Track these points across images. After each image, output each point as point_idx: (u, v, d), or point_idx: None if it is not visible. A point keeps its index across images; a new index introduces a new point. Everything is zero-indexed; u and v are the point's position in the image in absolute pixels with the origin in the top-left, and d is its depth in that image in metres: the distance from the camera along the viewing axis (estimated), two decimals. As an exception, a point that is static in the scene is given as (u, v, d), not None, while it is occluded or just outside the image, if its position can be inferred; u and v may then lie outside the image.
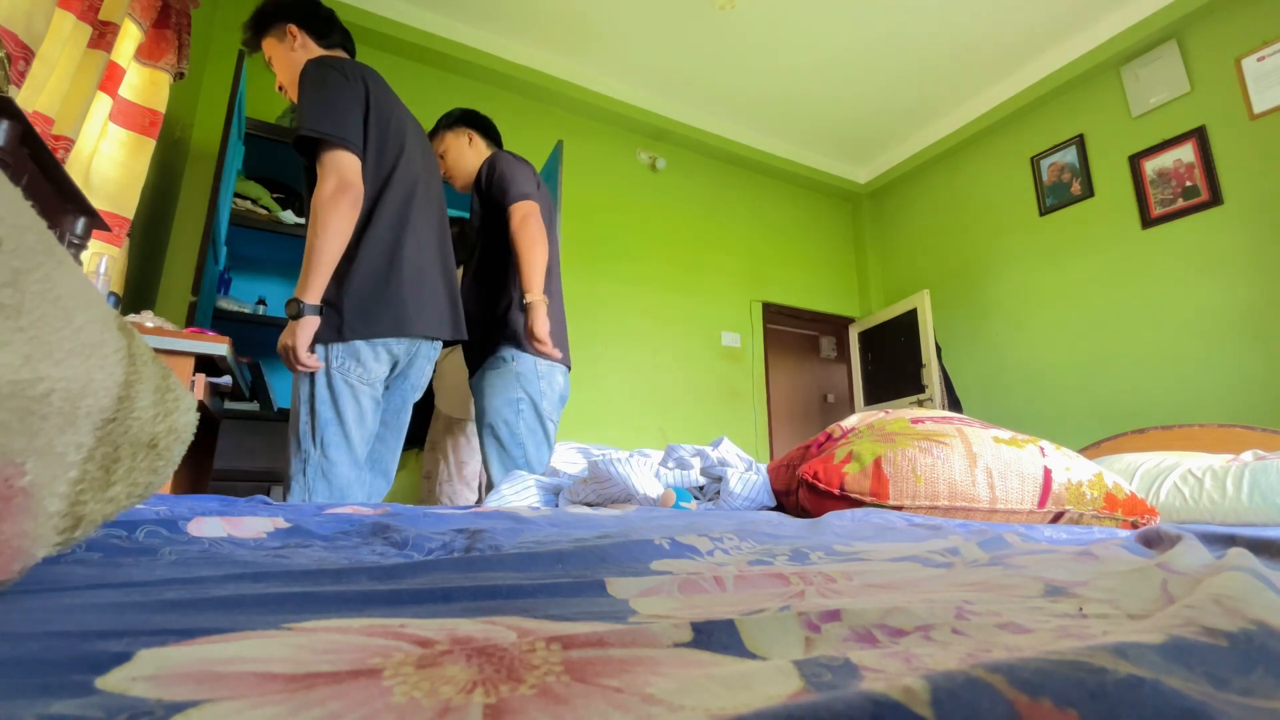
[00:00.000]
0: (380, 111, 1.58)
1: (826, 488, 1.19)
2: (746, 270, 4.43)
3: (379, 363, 1.52)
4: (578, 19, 3.51)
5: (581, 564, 0.54)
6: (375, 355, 1.51)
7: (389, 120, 1.60)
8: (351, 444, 1.49)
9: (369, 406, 1.52)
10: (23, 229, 0.34)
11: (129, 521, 0.61)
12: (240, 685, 0.24)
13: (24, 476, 0.32)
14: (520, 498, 1.44)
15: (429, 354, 1.63)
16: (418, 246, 1.57)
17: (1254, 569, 0.40)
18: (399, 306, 1.50)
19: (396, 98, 1.69)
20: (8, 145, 1.09)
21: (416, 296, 1.53)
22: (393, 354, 1.54)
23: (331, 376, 1.48)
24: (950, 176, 4.44)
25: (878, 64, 3.83)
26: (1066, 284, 3.66)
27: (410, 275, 1.53)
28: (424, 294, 1.55)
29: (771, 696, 0.23)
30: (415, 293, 1.53)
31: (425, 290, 1.56)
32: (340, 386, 1.48)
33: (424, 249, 1.58)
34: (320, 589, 0.41)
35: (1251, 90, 2.99)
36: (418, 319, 1.53)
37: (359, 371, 1.49)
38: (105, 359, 0.39)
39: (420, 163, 1.66)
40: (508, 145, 3.63)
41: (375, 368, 1.51)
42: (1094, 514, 1.17)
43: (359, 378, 1.49)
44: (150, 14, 2.00)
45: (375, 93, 1.59)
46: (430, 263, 1.59)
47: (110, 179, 1.89)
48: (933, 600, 0.39)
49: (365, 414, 1.51)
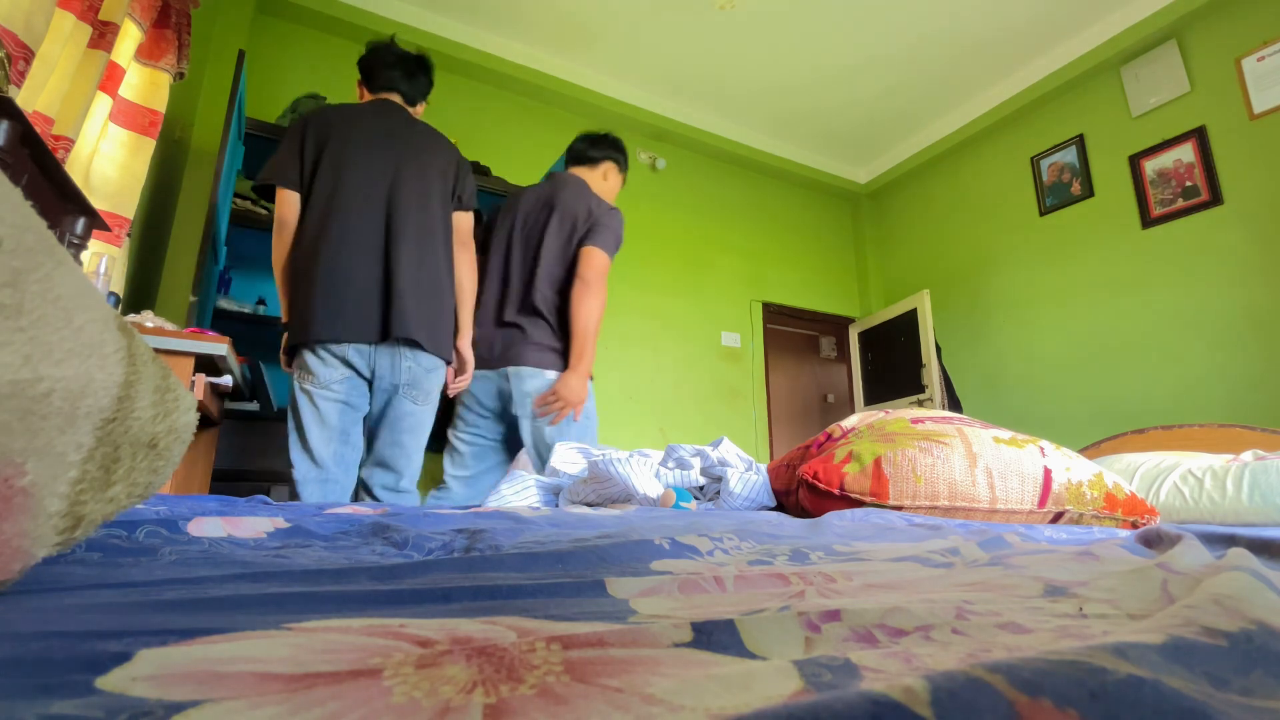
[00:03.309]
0: (316, 140, 1.74)
1: (826, 488, 1.19)
2: (746, 270, 4.43)
3: (328, 367, 1.64)
4: (578, 19, 3.51)
5: (581, 564, 0.54)
6: (321, 360, 1.64)
7: (324, 143, 1.74)
8: (308, 444, 1.64)
9: (328, 409, 1.65)
10: (23, 229, 0.34)
11: (129, 521, 0.61)
12: (240, 685, 0.24)
13: (24, 476, 0.32)
14: (520, 498, 1.44)
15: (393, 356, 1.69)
16: (336, 255, 1.66)
17: (1254, 569, 0.40)
18: (311, 314, 1.63)
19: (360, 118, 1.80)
20: (8, 145, 1.09)
21: (328, 304, 1.63)
22: (338, 357, 1.65)
23: (292, 383, 1.69)
24: (950, 176, 4.44)
25: (878, 64, 3.83)
26: (1066, 284, 3.66)
27: (324, 284, 1.64)
28: (339, 300, 1.64)
29: (771, 696, 0.23)
30: (327, 300, 1.63)
31: (341, 296, 1.64)
32: (298, 392, 1.66)
33: (350, 256, 1.66)
34: (320, 589, 0.41)
35: (1251, 90, 2.99)
36: (330, 324, 1.62)
37: (310, 377, 1.64)
38: (105, 359, 0.39)
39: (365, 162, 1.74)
40: (508, 146, 3.66)
41: (325, 372, 1.64)
42: (1094, 514, 1.17)
43: (311, 383, 1.64)
44: (150, 14, 2.00)
45: (314, 128, 1.76)
46: (357, 268, 1.66)
47: (110, 179, 1.89)
48: (933, 600, 0.39)
49: (324, 416, 1.65)
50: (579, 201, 1.98)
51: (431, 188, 1.78)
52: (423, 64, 1.93)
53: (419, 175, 1.77)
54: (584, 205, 1.97)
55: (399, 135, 1.79)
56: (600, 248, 1.91)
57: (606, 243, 1.93)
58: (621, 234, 1.98)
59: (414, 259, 1.71)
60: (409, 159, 1.77)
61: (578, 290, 1.88)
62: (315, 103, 2.85)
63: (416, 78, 1.90)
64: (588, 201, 1.99)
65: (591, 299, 1.88)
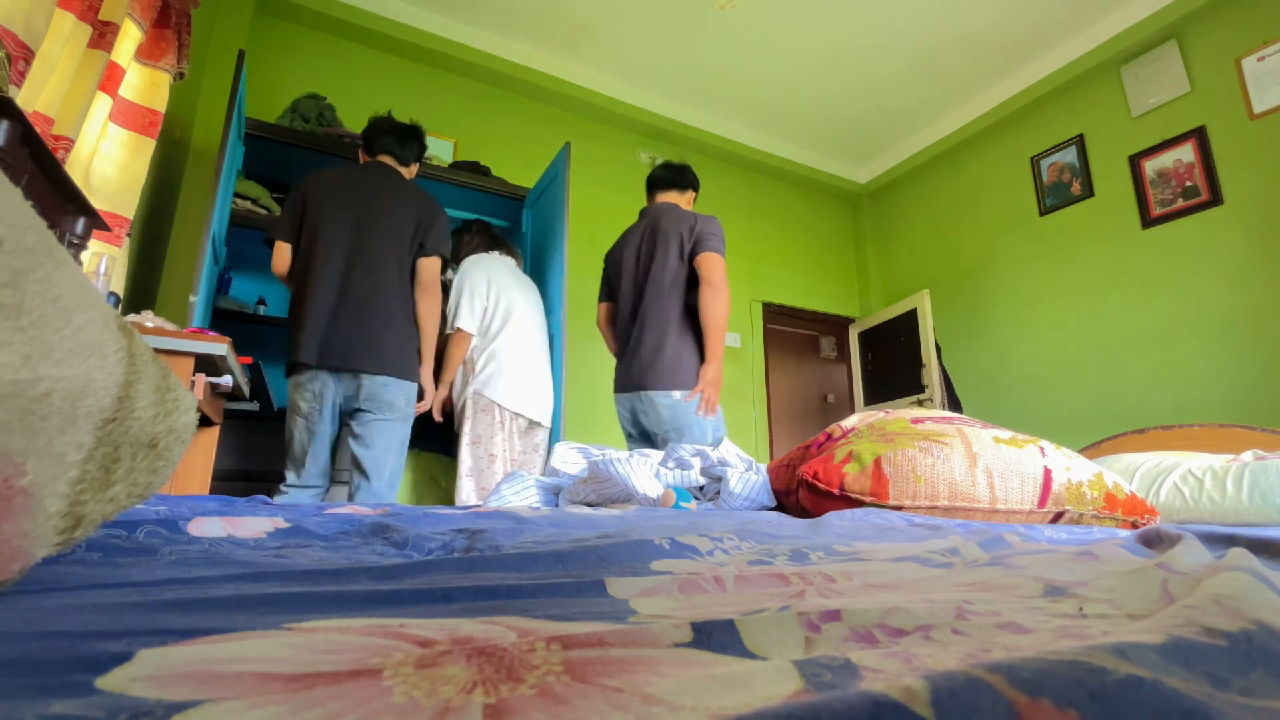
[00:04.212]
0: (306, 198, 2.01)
1: (826, 488, 1.19)
2: (746, 270, 4.43)
3: (298, 394, 1.93)
4: (578, 19, 3.51)
5: (581, 564, 0.54)
6: (294, 387, 1.94)
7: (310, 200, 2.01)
8: (292, 460, 1.94)
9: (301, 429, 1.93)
10: (23, 229, 0.34)
11: (129, 521, 0.61)
12: (240, 685, 0.24)
13: (24, 476, 0.32)
14: (520, 498, 1.44)
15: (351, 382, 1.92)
16: (311, 291, 1.92)
17: (1254, 569, 0.40)
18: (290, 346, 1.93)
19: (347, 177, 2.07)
20: (8, 145, 1.09)
21: (296, 335, 1.91)
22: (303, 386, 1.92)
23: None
24: (950, 176, 4.44)
25: (878, 64, 3.83)
26: (1066, 284, 3.66)
27: (297, 318, 1.92)
28: (304, 331, 1.89)
29: (771, 696, 0.23)
30: (296, 332, 1.91)
31: (306, 327, 1.89)
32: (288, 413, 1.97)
33: (317, 291, 1.92)
34: (320, 589, 0.41)
35: (1251, 90, 2.99)
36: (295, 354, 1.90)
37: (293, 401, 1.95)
38: (105, 359, 0.39)
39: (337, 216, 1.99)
40: (509, 146, 3.66)
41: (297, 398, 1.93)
42: (1094, 514, 1.17)
43: (294, 409, 1.94)
44: (150, 14, 2.00)
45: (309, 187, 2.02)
46: (319, 299, 1.91)
47: (110, 179, 1.89)
48: (933, 600, 0.39)
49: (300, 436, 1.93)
50: (680, 220, 2.20)
51: (390, 235, 2.01)
52: (414, 132, 2.21)
53: (383, 224, 2.00)
54: (685, 221, 2.20)
55: (375, 190, 2.04)
56: (714, 251, 2.12)
57: (717, 246, 2.14)
58: (723, 234, 2.20)
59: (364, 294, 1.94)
60: (376, 210, 2.01)
61: (707, 294, 2.08)
62: (315, 103, 2.85)
63: (408, 143, 2.18)
64: (687, 218, 2.21)
65: (721, 299, 2.08)
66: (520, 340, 2.43)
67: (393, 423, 1.98)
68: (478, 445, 2.30)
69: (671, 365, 2.08)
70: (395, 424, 1.99)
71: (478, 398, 2.33)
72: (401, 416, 2.01)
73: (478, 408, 2.32)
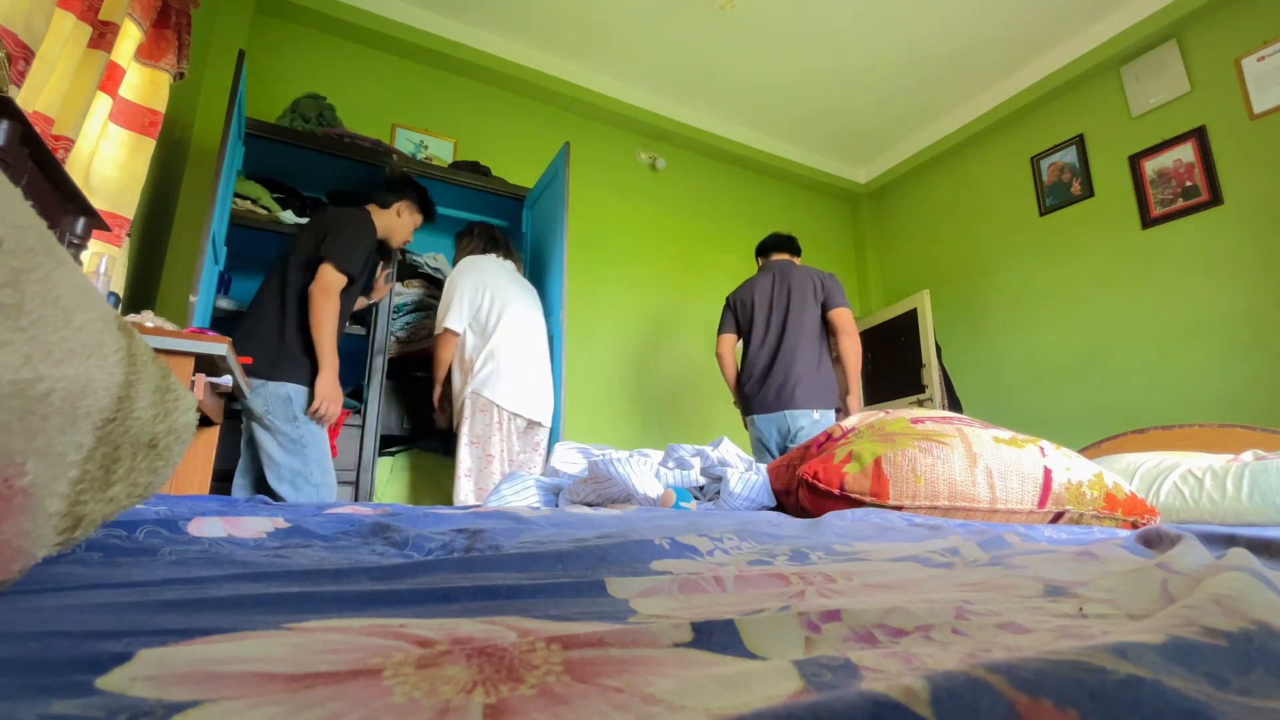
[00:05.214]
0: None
1: (826, 488, 1.19)
2: (746, 270, 4.40)
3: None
4: (578, 19, 3.51)
5: (581, 564, 0.54)
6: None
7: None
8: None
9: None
10: (23, 229, 0.34)
11: (129, 521, 0.61)
12: (240, 685, 0.24)
13: (24, 476, 0.32)
14: (520, 498, 1.44)
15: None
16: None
17: (1254, 569, 0.40)
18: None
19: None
20: (8, 145, 1.09)
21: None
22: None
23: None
24: (950, 176, 4.44)
25: (878, 64, 3.83)
26: (1066, 284, 3.66)
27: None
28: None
29: (771, 696, 0.23)
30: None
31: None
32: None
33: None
34: (320, 589, 0.41)
35: (1251, 90, 2.99)
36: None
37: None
38: (105, 359, 0.39)
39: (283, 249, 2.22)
40: (509, 146, 3.66)
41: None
42: (1094, 514, 1.17)
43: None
44: (150, 14, 2.00)
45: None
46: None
47: (110, 179, 1.89)
48: (933, 600, 0.39)
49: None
50: (808, 277, 2.73)
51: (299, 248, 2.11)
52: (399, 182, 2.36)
53: (302, 242, 2.12)
54: (814, 276, 2.73)
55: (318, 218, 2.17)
56: (844, 306, 2.68)
57: (845, 301, 2.69)
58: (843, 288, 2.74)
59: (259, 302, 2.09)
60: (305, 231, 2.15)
61: (846, 343, 2.64)
62: (315, 103, 2.85)
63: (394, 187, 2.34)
64: (813, 273, 2.75)
65: (857, 345, 2.65)
66: (518, 339, 2.43)
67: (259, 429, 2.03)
68: (476, 445, 2.31)
69: (824, 389, 2.59)
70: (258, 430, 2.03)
71: (476, 397, 2.33)
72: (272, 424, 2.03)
73: (476, 407, 2.33)
